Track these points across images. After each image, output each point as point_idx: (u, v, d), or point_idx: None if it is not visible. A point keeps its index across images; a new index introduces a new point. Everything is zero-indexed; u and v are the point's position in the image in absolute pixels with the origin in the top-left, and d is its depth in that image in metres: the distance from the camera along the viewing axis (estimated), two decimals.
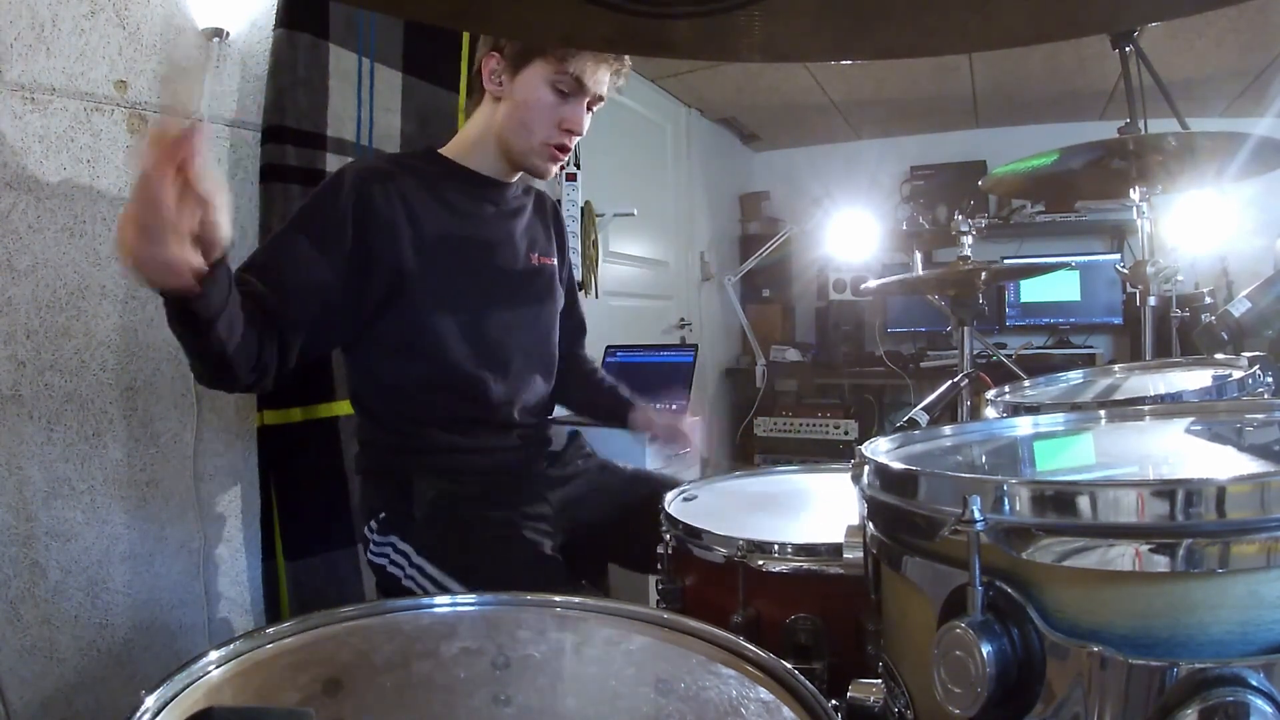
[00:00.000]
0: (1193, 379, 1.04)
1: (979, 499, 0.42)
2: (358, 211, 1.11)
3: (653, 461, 1.95)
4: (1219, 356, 1.14)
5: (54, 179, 1.23)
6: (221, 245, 0.79)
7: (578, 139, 1.22)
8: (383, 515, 1.19)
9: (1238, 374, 0.92)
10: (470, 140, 1.26)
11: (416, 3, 0.62)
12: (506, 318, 1.25)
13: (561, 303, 1.39)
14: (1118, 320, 3.53)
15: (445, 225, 1.20)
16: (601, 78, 1.18)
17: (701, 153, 3.77)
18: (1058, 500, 0.41)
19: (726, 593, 0.85)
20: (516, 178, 1.30)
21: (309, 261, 1.07)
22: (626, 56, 1.19)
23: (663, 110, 3.49)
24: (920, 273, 2.26)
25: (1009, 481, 0.42)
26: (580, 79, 1.15)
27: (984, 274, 1.63)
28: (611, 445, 1.51)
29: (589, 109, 1.20)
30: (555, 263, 1.37)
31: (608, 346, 2.46)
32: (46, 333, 1.23)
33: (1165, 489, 0.39)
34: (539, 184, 1.39)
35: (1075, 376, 1.18)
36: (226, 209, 0.77)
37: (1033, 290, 3.67)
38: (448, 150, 1.27)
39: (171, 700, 0.48)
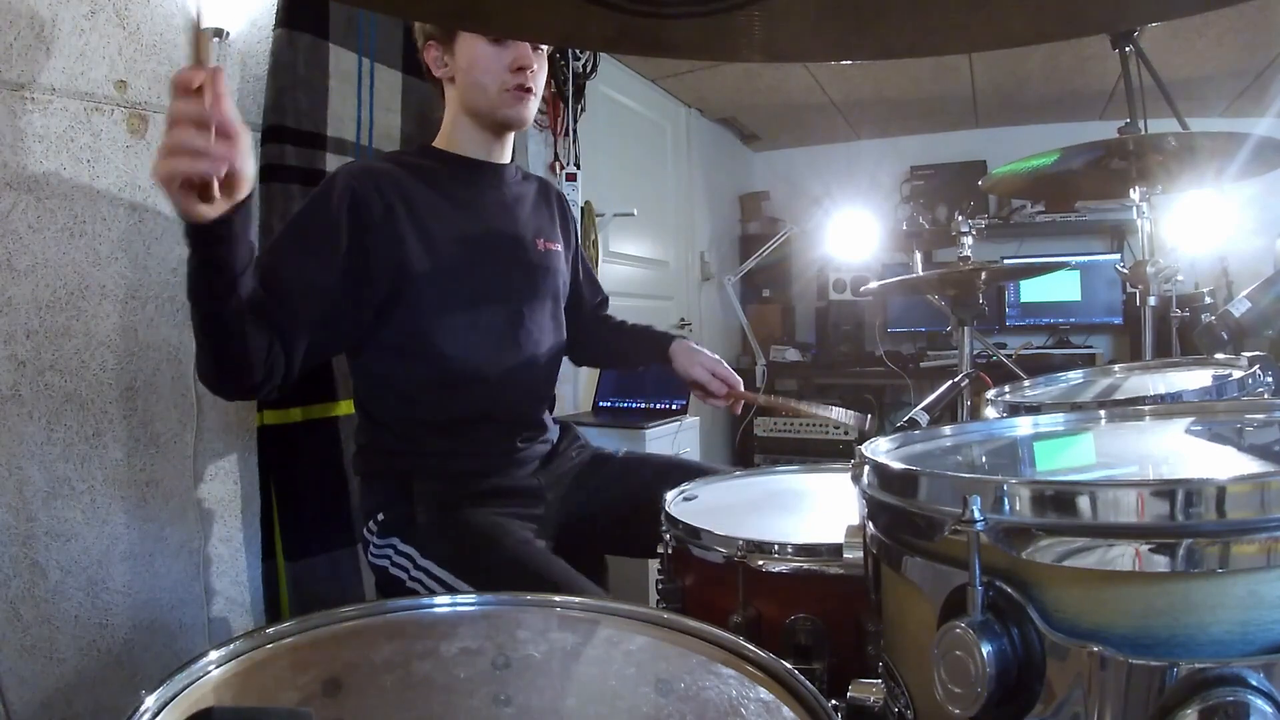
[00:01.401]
0: (1193, 379, 1.04)
1: (979, 499, 0.42)
2: (352, 213, 1.11)
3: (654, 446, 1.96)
4: (1219, 356, 1.14)
5: (54, 179, 1.23)
6: (247, 181, 0.84)
7: (538, 78, 1.21)
8: (381, 517, 1.18)
9: (1238, 374, 0.92)
10: (448, 129, 1.27)
11: (416, 3, 0.62)
12: (515, 310, 1.25)
13: (568, 290, 1.40)
14: (1118, 320, 3.53)
15: (448, 217, 1.20)
16: None
17: (701, 153, 3.77)
18: (1058, 500, 0.41)
19: (726, 593, 0.85)
20: (508, 157, 1.30)
21: (304, 266, 1.07)
22: None
23: (663, 110, 3.49)
24: (920, 273, 2.26)
25: (1009, 481, 0.42)
26: None
27: (984, 274, 1.63)
28: (605, 439, 1.51)
29: (534, 48, 1.20)
30: (561, 248, 1.37)
31: None
32: (46, 333, 1.23)
33: (1165, 489, 0.39)
34: (539, 170, 1.39)
35: (1075, 376, 1.18)
36: (250, 149, 0.83)
37: (1033, 290, 3.67)
38: (438, 143, 1.28)
39: (171, 700, 0.48)
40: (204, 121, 0.77)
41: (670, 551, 0.94)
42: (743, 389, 1.36)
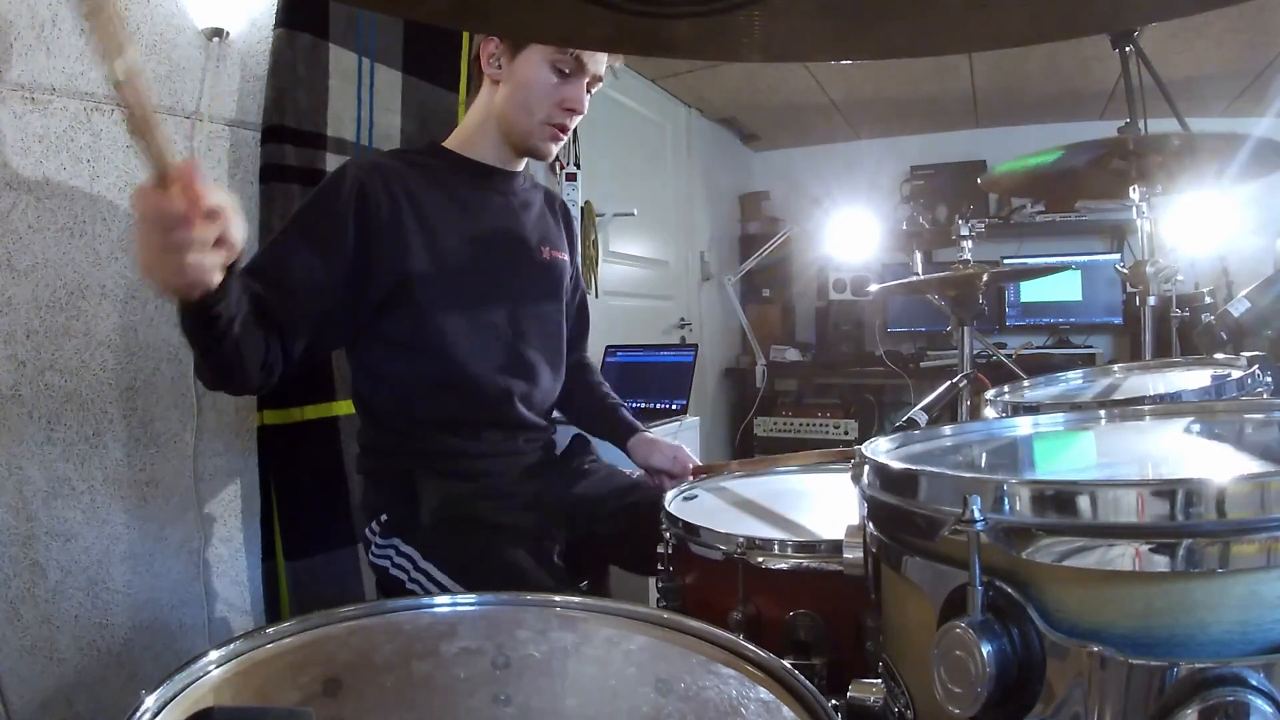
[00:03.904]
0: (1193, 379, 1.04)
1: (979, 499, 0.42)
2: (359, 209, 1.11)
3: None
4: (1219, 356, 1.14)
5: (54, 179, 1.23)
6: (237, 249, 0.79)
7: (578, 119, 1.22)
8: (384, 517, 1.18)
9: (1237, 374, 0.92)
10: (471, 128, 1.26)
11: (416, 3, 0.62)
12: (517, 314, 1.24)
13: (570, 299, 1.39)
14: (1118, 320, 3.53)
15: (453, 220, 1.19)
16: (600, 57, 1.19)
17: (701, 153, 3.77)
18: (1058, 500, 0.41)
19: (726, 590, 0.85)
20: (522, 166, 1.30)
21: (309, 262, 1.06)
22: None
23: (663, 110, 3.49)
24: (920, 273, 2.26)
25: (1009, 481, 0.42)
26: (581, 58, 1.16)
27: (984, 275, 1.63)
28: (613, 450, 1.50)
29: (588, 89, 1.20)
30: (566, 258, 1.36)
31: (608, 346, 2.46)
32: (46, 333, 1.23)
33: (1165, 489, 0.39)
34: (542, 176, 1.38)
35: (1075, 376, 1.18)
36: (239, 214, 0.78)
37: (1033, 290, 3.67)
38: (450, 143, 1.26)
39: (171, 700, 0.48)
40: (176, 230, 0.71)
41: (670, 550, 0.94)
42: (699, 466, 1.32)
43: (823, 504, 1.04)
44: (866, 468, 0.55)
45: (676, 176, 3.59)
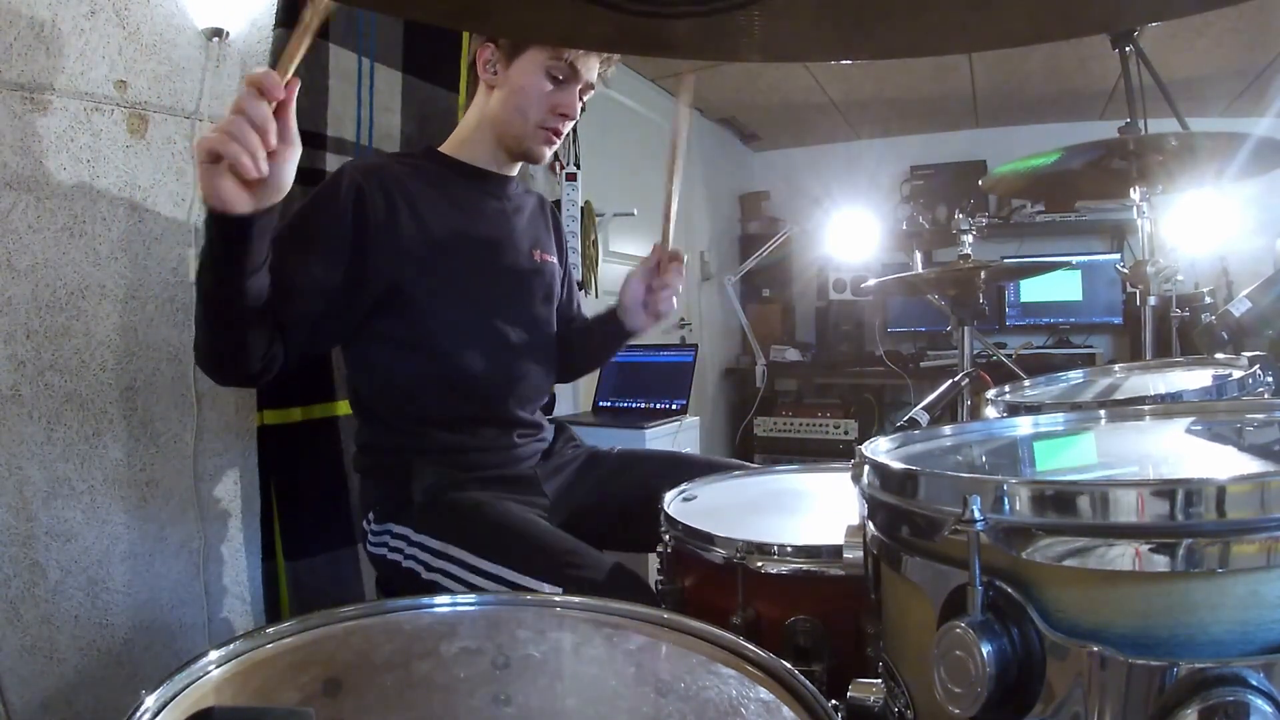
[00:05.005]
0: (1193, 379, 1.04)
1: (979, 499, 0.42)
2: (357, 209, 1.12)
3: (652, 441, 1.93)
4: (1219, 356, 1.14)
5: (54, 179, 1.23)
6: (283, 189, 0.86)
7: (571, 124, 1.24)
8: (379, 506, 1.20)
9: (1238, 374, 0.93)
10: (466, 132, 1.28)
11: (416, 3, 0.62)
12: (510, 314, 1.25)
13: (560, 300, 1.40)
14: (1118, 320, 3.53)
15: (449, 221, 1.21)
16: (593, 64, 1.22)
17: (701, 153, 3.77)
18: (1058, 500, 0.41)
19: (726, 594, 0.85)
20: (516, 171, 1.31)
21: (306, 263, 1.07)
22: None
23: (663, 110, 3.49)
24: (920, 272, 2.25)
25: (1009, 481, 0.42)
26: (575, 65, 1.18)
27: (984, 273, 1.63)
28: (605, 439, 1.50)
29: (580, 95, 1.23)
30: (556, 260, 1.38)
31: None
32: (46, 333, 1.23)
33: (1165, 489, 0.39)
34: (542, 177, 1.39)
35: (1075, 376, 1.18)
36: (296, 160, 0.86)
37: (1033, 290, 3.67)
38: (446, 147, 1.29)
39: (171, 700, 0.48)
40: (264, 125, 0.80)
41: (670, 552, 0.94)
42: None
43: (823, 504, 1.04)
44: (866, 468, 0.55)
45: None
